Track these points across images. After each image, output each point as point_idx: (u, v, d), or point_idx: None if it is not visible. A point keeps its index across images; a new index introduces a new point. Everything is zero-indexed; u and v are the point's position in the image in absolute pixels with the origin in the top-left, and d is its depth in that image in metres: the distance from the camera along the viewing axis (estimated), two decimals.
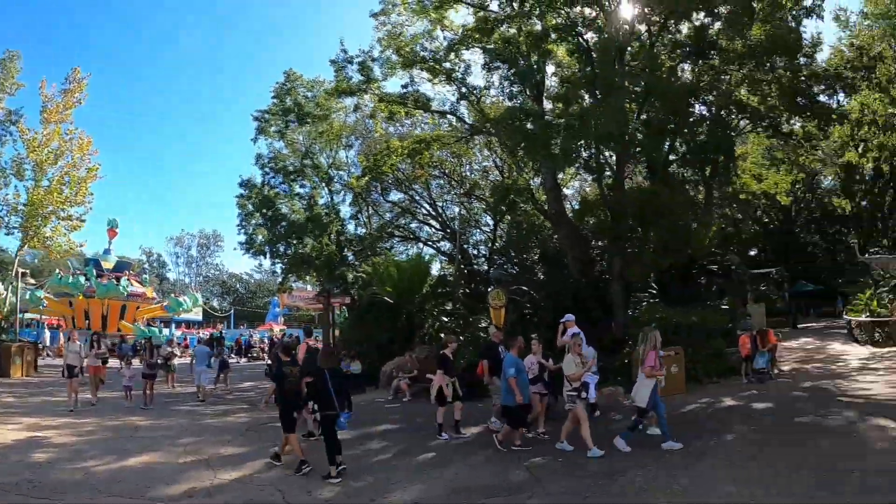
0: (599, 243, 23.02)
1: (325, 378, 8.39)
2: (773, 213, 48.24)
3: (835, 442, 8.69)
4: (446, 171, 32.22)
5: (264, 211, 29.16)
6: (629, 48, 18.38)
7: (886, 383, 13.26)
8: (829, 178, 48.56)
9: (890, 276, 24.68)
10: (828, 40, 27.85)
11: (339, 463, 8.33)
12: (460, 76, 21.40)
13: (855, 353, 19.47)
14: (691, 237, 20.06)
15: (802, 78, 23.91)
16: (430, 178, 31.57)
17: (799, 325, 32.83)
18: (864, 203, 46.18)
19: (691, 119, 19.63)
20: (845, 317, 25.84)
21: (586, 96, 17.93)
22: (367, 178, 26.85)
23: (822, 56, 27.48)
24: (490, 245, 32.80)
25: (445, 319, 23.90)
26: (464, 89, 21.72)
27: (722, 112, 24.52)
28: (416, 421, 13.18)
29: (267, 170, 30.02)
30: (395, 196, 34.63)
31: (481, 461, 9.26)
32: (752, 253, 49.16)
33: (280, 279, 35.40)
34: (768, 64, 20.91)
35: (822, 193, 49.75)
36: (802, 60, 24.31)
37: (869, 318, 21.66)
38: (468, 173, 33.24)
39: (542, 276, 25.35)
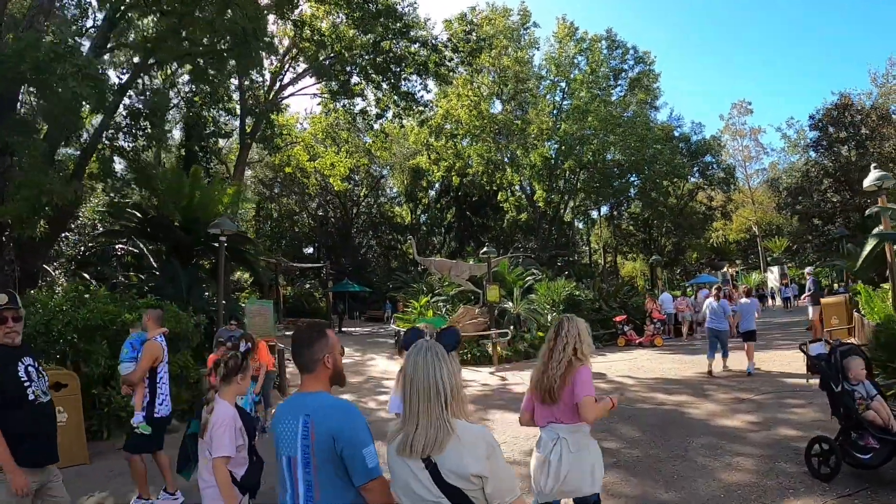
0: None
1: None
2: (331, 209, 45.83)
3: None
4: None
5: None
6: None
7: None
8: (395, 188, 49.17)
9: (448, 282, 21.11)
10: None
11: None
12: None
13: None
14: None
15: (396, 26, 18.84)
16: None
17: (343, 329, 27.79)
18: (424, 216, 47.69)
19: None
20: (393, 326, 21.19)
21: None
22: None
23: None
24: None
25: None
26: None
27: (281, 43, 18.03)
28: None
29: None
30: None
31: None
32: (310, 251, 46.08)
33: None
34: None
35: (384, 201, 49.96)
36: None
37: None
38: None
39: None
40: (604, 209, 41.79)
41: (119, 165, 19.12)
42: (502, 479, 2.07)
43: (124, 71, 18.26)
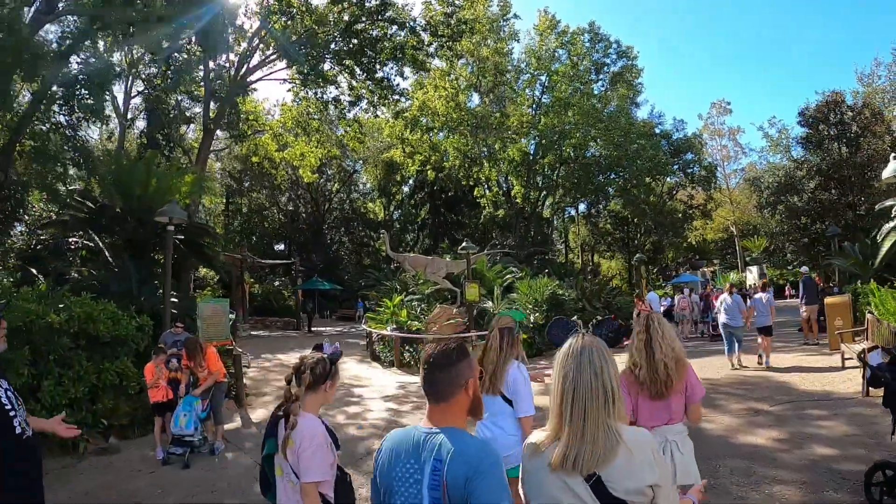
0: None
1: None
2: (302, 205, 44.61)
3: None
4: None
5: None
6: None
7: None
8: (368, 183, 48.07)
9: (424, 280, 20.00)
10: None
11: None
12: None
13: (377, 383, 12.48)
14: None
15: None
16: None
17: (313, 329, 26.44)
18: (396, 213, 46.59)
19: None
20: (364, 326, 19.96)
21: None
22: None
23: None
24: None
25: None
26: None
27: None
28: None
29: None
30: None
31: None
32: (280, 247, 44.99)
33: None
34: None
35: (357, 196, 48.80)
36: None
37: (397, 332, 15.51)
38: None
39: None
40: (581, 207, 41.14)
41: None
42: (670, 487, 1.87)
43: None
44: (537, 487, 1.88)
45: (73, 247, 18.44)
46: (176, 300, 12.57)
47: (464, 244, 17.42)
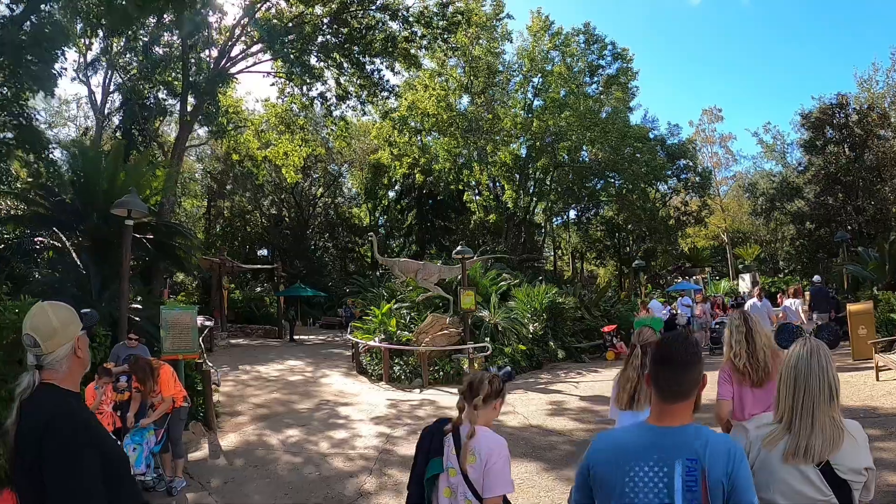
0: None
1: None
2: (286, 209, 43.38)
3: None
4: None
5: None
6: None
7: None
8: (354, 188, 47.11)
9: (413, 287, 18.86)
10: None
11: None
12: None
13: (365, 400, 11.33)
14: None
15: None
16: None
17: (295, 337, 25.18)
18: (382, 218, 45.58)
19: None
20: (350, 336, 18.73)
21: None
22: None
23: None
24: None
25: None
26: None
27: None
28: None
29: None
30: None
31: None
32: (264, 253, 43.95)
33: None
34: None
35: (342, 201, 47.75)
36: None
37: (386, 343, 14.40)
38: None
39: None
40: (572, 213, 40.44)
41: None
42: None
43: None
44: (769, 475, 2.02)
45: (38, 246, 17.08)
46: (139, 307, 11.39)
47: (459, 248, 16.27)
